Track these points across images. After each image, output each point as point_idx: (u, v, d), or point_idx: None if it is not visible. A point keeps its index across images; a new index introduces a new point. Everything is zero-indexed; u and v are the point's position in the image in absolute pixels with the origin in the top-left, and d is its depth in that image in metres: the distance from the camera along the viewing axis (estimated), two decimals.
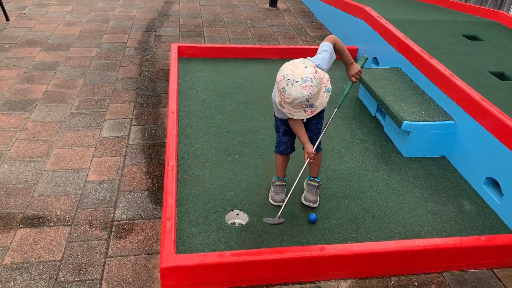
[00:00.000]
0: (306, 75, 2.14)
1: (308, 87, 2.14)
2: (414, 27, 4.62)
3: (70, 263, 2.39)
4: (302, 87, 2.13)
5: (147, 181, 3.05)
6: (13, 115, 3.75)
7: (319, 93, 2.22)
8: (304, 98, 2.16)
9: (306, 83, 2.13)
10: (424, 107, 3.43)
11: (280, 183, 2.84)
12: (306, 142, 2.50)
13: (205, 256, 2.23)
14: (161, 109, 3.96)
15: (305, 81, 2.13)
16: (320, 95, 2.23)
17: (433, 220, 2.77)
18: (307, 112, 2.24)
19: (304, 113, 2.25)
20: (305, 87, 2.14)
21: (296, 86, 2.14)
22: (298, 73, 2.14)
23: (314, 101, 2.22)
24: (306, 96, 2.15)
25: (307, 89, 2.14)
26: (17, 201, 2.82)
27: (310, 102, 2.20)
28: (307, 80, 2.14)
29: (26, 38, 5.39)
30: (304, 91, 2.14)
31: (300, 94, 2.14)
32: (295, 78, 2.14)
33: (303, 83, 2.13)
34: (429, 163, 3.33)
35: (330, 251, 2.28)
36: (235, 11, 6.87)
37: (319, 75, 2.21)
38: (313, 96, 2.17)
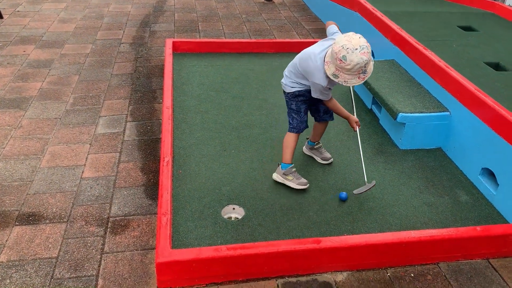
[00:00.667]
0: (362, 43, 2.42)
1: (366, 53, 2.42)
2: (409, 19, 4.61)
3: (66, 260, 2.39)
4: (362, 53, 2.41)
5: (143, 177, 3.04)
6: (8, 113, 3.74)
7: (370, 60, 2.49)
8: (364, 63, 2.43)
9: (364, 50, 2.41)
10: (419, 99, 3.43)
11: (295, 169, 2.93)
12: (349, 115, 2.86)
13: (201, 250, 2.23)
14: (156, 104, 3.95)
15: (363, 48, 2.41)
16: (370, 62, 2.50)
17: (429, 211, 2.77)
18: (361, 79, 2.51)
19: (358, 79, 2.51)
20: (364, 53, 2.41)
21: (356, 53, 2.40)
22: (355, 43, 2.41)
23: (367, 67, 2.49)
24: (366, 61, 2.43)
25: (366, 55, 2.42)
26: (13, 198, 2.81)
27: (366, 67, 2.47)
28: (364, 48, 2.42)
29: (20, 35, 5.36)
30: (364, 56, 2.41)
31: (360, 60, 2.41)
32: (354, 46, 2.40)
33: (361, 50, 2.40)
34: (425, 154, 3.33)
35: (325, 243, 2.29)
36: (230, 5, 6.84)
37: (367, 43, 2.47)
38: (369, 61, 2.46)
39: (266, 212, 2.69)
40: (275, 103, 3.92)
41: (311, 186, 2.92)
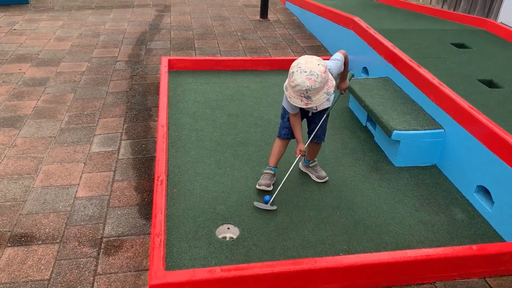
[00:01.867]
0: (315, 70, 2.45)
1: (312, 80, 2.44)
2: (403, 36, 4.65)
3: (59, 282, 2.36)
4: (307, 78, 2.44)
5: (137, 196, 3.02)
6: (2, 131, 3.73)
7: (319, 91, 2.49)
8: (305, 88, 2.45)
9: (312, 76, 2.44)
10: (413, 116, 3.44)
11: (268, 171, 3.04)
12: (299, 140, 2.86)
13: (194, 272, 2.20)
14: (151, 123, 3.95)
15: (312, 75, 2.44)
16: (320, 93, 2.51)
17: (424, 229, 2.76)
18: (303, 102, 2.53)
19: (300, 102, 2.54)
20: (309, 79, 2.44)
21: (303, 75, 2.45)
22: (310, 66, 2.46)
23: (312, 95, 2.49)
24: (307, 87, 2.44)
25: (310, 81, 2.44)
26: (5, 219, 2.78)
27: (309, 94, 2.48)
28: (314, 75, 2.44)
29: (16, 53, 5.38)
30: (307, 82, 2.44)
31: (302, 83, 2.45)
32: (305, 68, 2.45)
33: (310, 75, 2.44)
34: (420, 172, 3.33)
35: (321, 264, 2.26)
36: (226, 23, 6.90)
37: (325, 76, 2.50)
38: (312, 90, 2.46)
39: (261, 232, 2.67)
40: (270, 120, 3.93)
41: (307, 205, 2.90)
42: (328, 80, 2.55)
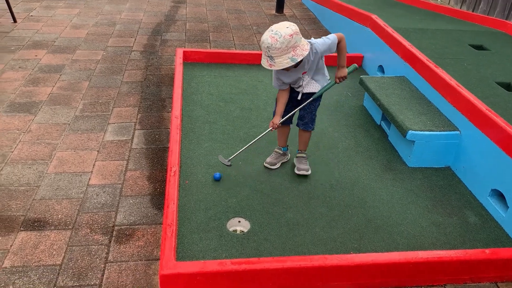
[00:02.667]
0: (280, 30, 2.49)
1: (274, 39, 2.48)
2: (421, 36, 4.60)
3: (70, 268, 2.38)
4: (270, 36, 2.50)
5: (149, 186, 3.04)
6: (18, 117, 3.76)
7: (281, 52, 2.51)
8: (266, 44, 2.52)
9: (275, 35, 2.49)
10: (429, 117, 3.41)
11: (278, 150, 3.23)
12: (277, 114, 2.90)
13: (205, 264, 2.21)
14: (165, 113, 3.96)
15: (276, 34, 2.49)
16: (283, 57, 2.53)
17: (437, 231, 2.73)
18: (268, 63, 2.58)
19: (266, 63, 2.59)
20: (272, 37, 2.49)
21: (269, 32, 2.53)
22: (277, 26, 2.53)
23: (274, 56, 2.53)
24: (268, 44, 2.50)
25: (272, 39, 2.49)
26: (19, 203, 2.81)
27: (271, 53, 2.53)
28: (277, 34, 2.49)
29: (33, 40, 5.41)
30: (269, 39, 2.50)
31: (265, 39, 2.52)
32: (273, 28, 2.54)
33: (274, 34, 2.50)
34: (433, 173, 3.30)
35: (332, 261, 2.26)
36: (241, 16, 6.87)
37: (290, 40, 2.50)
38: (273, 49, 2.50)
39: (272, 227, 2.67)
40: None
41: (318, 202, 2.90)
42: (296, 47, 2.54)
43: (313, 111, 3.00)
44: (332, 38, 2.76)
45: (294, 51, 2.54)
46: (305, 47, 2.59)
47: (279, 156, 3.21)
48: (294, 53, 2.54)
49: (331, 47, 2.77)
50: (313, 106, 2.98)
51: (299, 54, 2.55)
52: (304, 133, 3.10)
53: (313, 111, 3.00)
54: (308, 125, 3.04)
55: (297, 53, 2.54)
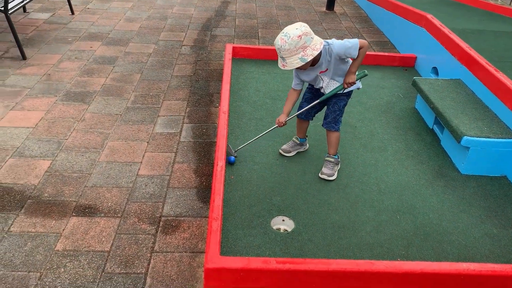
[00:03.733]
0: (289, 32, 2.55)
1: (283, 40, 2.56)
2: (479, 38, 4.40)
3: (118, 255, 2.45)
4: (281, 38, 2.58)
5: (196, 179, 3.07)
6: (73, 105, 3.90)
7: (291, 53, 2.57)
8: (276, 46, 2.60)
9: (284, 37, 2.56)
10: (486, 123, 3.25)
11: (295, 139, 3.31)
12: (284, 112, 3.00)
13: (250, 260, 2.20)
14: (212, 108, 3.99)
15: (285, 35, 2.56)
16: (293, 57, 2.58)
17: (490, 243, 2.61)
18: (281, 64, 2.65)
19: (280, 63, 2.67)
20: (281, 39, 2.57)
21: (280, 35, 2.60)
22: (288, 29, 2.58)
23: (285, 57, 2.60)
24: (278, 45, 2.59)
25: (281, 41, 2.57)
26: (72, 189, 2.92)
27: (281, 54, 2.60)
28: (286, 36, 2.55)
29: (89, 32, 5.61)
30: (279, 41, 2.58)
31: (276, 41, 2.60)
32: (284, 30, 2.59)
33: (283, 36, 2.57)
34: (488, 182, 3.14)
35: (379, 267, 2.19)
36: (290, 13, 6.83)
37: (299, 42, 2.54)
38: (283, 50, 2.57)
39: (317, 228, 2.63)
40: None
41: (365, 205, 2.83)
42: (306, 47, 2.57)
43: (336, 110, 2.97)
44: (353, 43, 2.69)
45: (304, 51, 2.58)
46: (316, 47, 2.60)
47: (295, 145, 3.30)
48: (304, 53, 2.58)
49: (350, 51, 2.70)
50: (337, 105, 2.97)
51: (309, 54, 2.58)
52: (329, 133, 3.06)
53: (337, 111, 2.97)
54: (330, 125, 3.01)
55: (307, 53, 2.58)
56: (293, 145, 3.30)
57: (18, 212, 2.70)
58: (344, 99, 2.97)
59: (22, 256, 2.40)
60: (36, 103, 3.90)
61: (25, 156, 3.20)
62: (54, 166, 3.12)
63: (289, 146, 3.29)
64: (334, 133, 3.03)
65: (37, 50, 4.95)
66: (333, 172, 3.07)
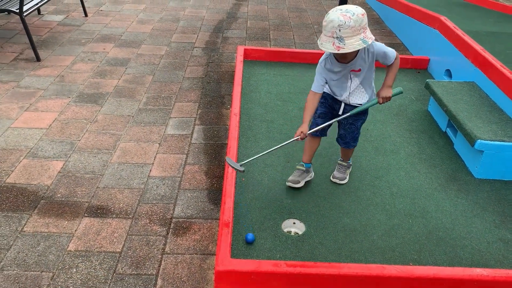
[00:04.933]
0: (352, 9, 2.28)
1: (347, 16, 2.25)
2: (494, 40, 4.35)
3: (129, 256, 2.46)
4: (342, 14, 2.26)
5: (207, 181, 3.08)
6: (85, 107, 3.94)
7: (354, 32, 2.27)
8: (337, 23, 2.25)
9: (347, 13, 2.26)
10: (501, 126, 3.21)
11: (300, 167, 2.94)
12: (305, 121, 2.61)
13: (260, 263, 2.20)
14: (224, 110, 4.00)
15: (347, 11, 2.26)
16: (355, 37, 2.28)
17: (505, 249, 2.57)
18: (335, 46, 2.29)
19: (332, 46, 2.30)
20: (344, 15, 2.25)
21: (337, 11, 2.29)
22: (347, 6, 2.31)
23: (345, 36, 2.27)
24: (340, 22, 2.25)
25: (344, 17, 2.25)
26: (84, 190, 2.94)
27: (341, 33, 2.26)
28: (349, 12, 2.26)
29: (101, 34, 5.66)
30: (341, 17, 2.25)
31: (336, 18, 2.26)
32: (341, 7, 2.31)
33: (345, 12, 2.26)
34: (502, 186, 3.10)
35: (390, 271, 2.17)
36: (302, 15, 6.82)
37: (363, 20, 2.28)
38: (346, 27, 2.25)
39: (328, 231, 2.62)
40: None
41: (377, 209, 2.81)
42: (366, 28, 2.32)
43: (354, 131, 2.78)
44: (391, 50, 2.56)
45: (365, 32, 2.31)
46: (370, 33, 2.37)
47: (302, 173, 2.92)
48: (365, 35, 2.31)
49: (387, 56, 2.54)
50: (354, 126, 2.74)
51: (369, 37, 2.33)
52: (345, 149, 2.95)
53: (355, 131, 2.78)
54: (349, 144, 2.86)
55: (368, 36, 2.32)
56: (300, 174, 2.92)
57: (31, 212, 2.73)
58: (362, 118, 2.74)
59: (35, 256, 2.42)
60: (49, 104, 3.94)
61: (39, 157, 3.24)
62: (66, 167, 3.15)
63: (296, 176, 2.91)
64: (351, 149, 2.95)
65: (51, 52, 5.00)
66: (345, 175, 3.00)
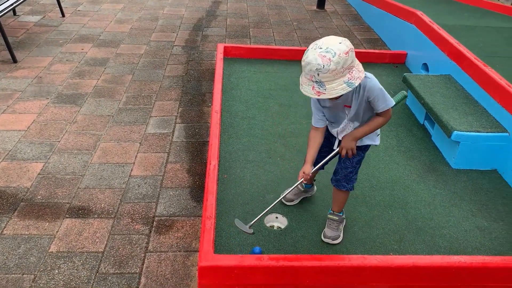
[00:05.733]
0: (333, 47, 1.89)
1: (326, 58, 1.88)
2: (469, 34, 4.44)
3: (112, 256, 2.45)
4: (320, 55, 1.89)
5: (189, 179, 3.08)
6: (65, 108, 3.90)
7: (335, 76, 1.92)
8: (315, 67, 1.90)
9: (327, 54, 1.88)
10: (476, 117, 3.29)
11: (299, 186, 2.71)
12: (308, 161, 2.31)
13: (243, 258, 2.22)
14: (205, 108, 4.00)
15: (327, 52, 1.89)
16: (336, 81, 1.93)
17: (481, 236, 2.64)
18: (314, 90, 1.96)
19: (312, 90, 1.97)
20: (323, 57, 1.89)
21: (316, 50, 1.91)
22: (327, 42, 1.92)
23: (324, 80, 1.92)
24: (318, 65, 1.89)
25: (323, 60, 1.88)
26: (65, 191, 2.92)
27: (320, 77, 1.92)
28: (330, 52, 1.89)
29: (80, 34, 5.60)
30: (319, 59, 1.89)
31: (313, 60, 1.90)
32: (321, 45, 1.92)
33: (325, 52, 1.89)
34: (479, 176, 3.18)
35: (371, 261, 2.21)
36: (282, 12, 6.85)
37: (347, 59, 1.91)
38: (325, 72, 1.89)
39: (310, 224, 2.65)
40: None
41: (357, 201, 2.85)
42: (352, 67, 1.94)
43: (348, 167, 2.37)
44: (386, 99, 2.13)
45: (351, 73, 1.94)
46: (360, 68, 2.01)
47: (300, 193, 2.78)
48: (350, 76, 1.94)
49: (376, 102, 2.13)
50: (349, 161, 2.35)
51: (356, 77, 1.95)
52: (337, 191, 2.47)
53: (349, 168, 2.37)
54: (340, 183, 2.40)
55: (354, 76, 1.95)
56: (296, 192, 2.75)
57: (11, 215, 2.70)
58: (360, 154, 2.35)
59: (16, 259, 2.40)
60: (27, 106, 3.89)
61: (18, 159, 3.19)
62: (46, 169, 3.11)
63: (292, 194, 2.73)
64: (343, 192, 2.46)
65: (28, 53, 4.93)
66: (338, 233, 2.51)
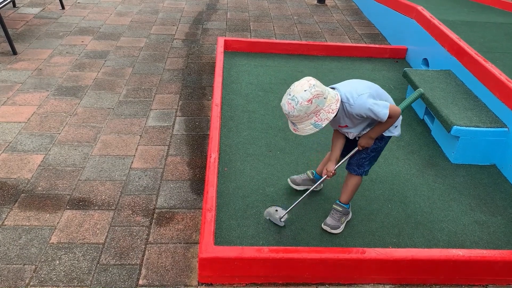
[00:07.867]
0: (298, 96, 2.11)
1: (291, 106, 2.13)
2: (469, 29, 4.44)
3: (112, 247, 2.46)
4: (287, 101, 2.15)
5: (189, 172, 3.09)
6: (65, 100, 3.90)
7: (301, 119, 2.16)
8: (283, 110, 2.19)
9: (292, 102, 2.13)
10: (475, 113, 3.30)
11: (309, 173, 2.86)
12: (332, 160, 2.46)
13: (243, 249, 2.24)
14: (205, 101, 4.01)
15: (292, 100, 2.13)
16: (304, 123, 2.17)
17: (479, 230, 2.66)
18: (291, 127, 2.25)
19: (290, 126, 2.26)
20: (288, 104, 2.14)
21: (286, 97, 2.17)
22: (296, 90, 2.14)
23: (295, 121, 2.20)
24: (285, 110, 2.17)
25: (288, 106, 2.14)
26: (65, 183, 2.92)
27: (291, 119, 2.20)
28: (294, 100, 2.12)
29: (80, 26, 5.58)
30: (286, 105, 2.15)
31: (283, 105, 2.18)
32: (291, 91, 2.16)
33: (291, 100, 2.13)
34: (478, 171, 3.19)
35: (370, 254, 2.24)
36: (282, 6, 6.83)
37: (310, 107, 2.11)
38: (291, 116, 2.16)
39: (310, 217, 2.67)
40: None
41: (357, 195, 2.85)
42: (318, 111, 2.14)
43: (362, 153, 2.45)
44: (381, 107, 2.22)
45: (317, 115, 2.15)
46: (331, 108, 2.16)
47: (307, 180, 2.84)
48: (317, 118, 2.15)
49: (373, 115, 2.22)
50: (364, 150, 2.44)
51: (323, 118, 2.15)
52: (349, 177, 2.55)
53: (363, 156, 2.46)
54: (351, 167, 2.50)
55: (321, 118, 2.15)
56: (304, 179, 2.85)
57: (12, 206, 2.71)
58: (376, 143, 2.42)
59: (17, 250, 2.41)
60: (28, 98, 3.89)
61: (18, 151, 3.20)
62: (47, 160, 3.12)
63: (300, 178, 2.85)
64: (355, 178, 2.52)
65: (28, 45, 4.92)
66: (338, 224, 2.55)
